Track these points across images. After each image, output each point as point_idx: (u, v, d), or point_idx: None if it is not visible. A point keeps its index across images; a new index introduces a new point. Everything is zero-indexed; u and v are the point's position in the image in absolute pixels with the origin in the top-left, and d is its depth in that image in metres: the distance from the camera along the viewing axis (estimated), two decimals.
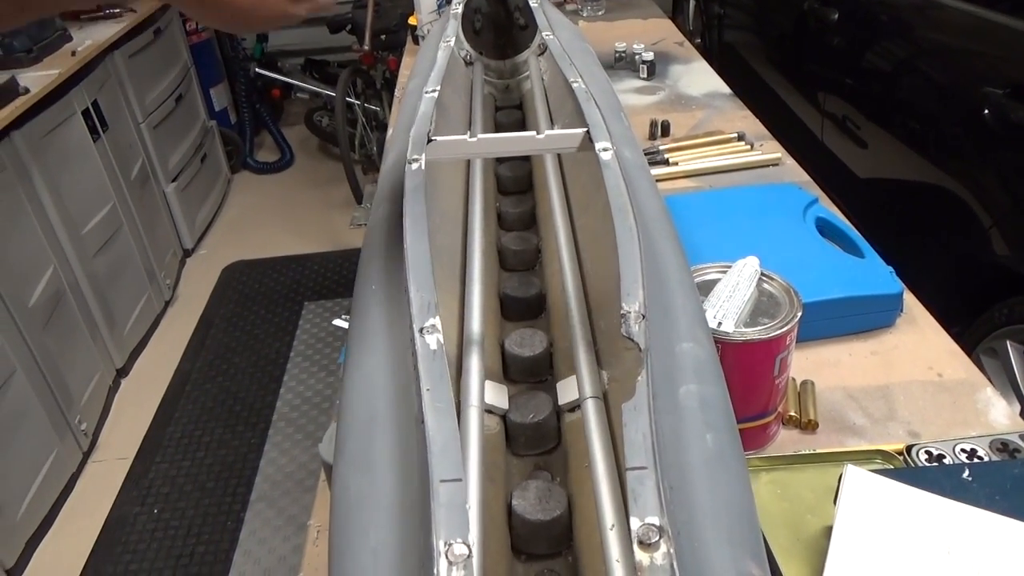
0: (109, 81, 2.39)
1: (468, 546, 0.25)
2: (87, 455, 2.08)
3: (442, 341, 0.34)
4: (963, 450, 0.64)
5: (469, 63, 0.98)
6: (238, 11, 0.44)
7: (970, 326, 1.59)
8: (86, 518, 1.93)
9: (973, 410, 0.71)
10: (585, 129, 0.53)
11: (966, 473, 0.58)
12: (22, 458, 1.78)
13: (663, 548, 0.24)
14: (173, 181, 2.78)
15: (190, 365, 2.41)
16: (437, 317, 0.35)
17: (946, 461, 0.63)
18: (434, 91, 0.62)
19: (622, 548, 0.27)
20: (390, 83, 3.21)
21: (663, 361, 0.35)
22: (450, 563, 0.24)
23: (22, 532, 1.78)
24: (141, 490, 2.00)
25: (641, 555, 0.24)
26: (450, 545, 0.25)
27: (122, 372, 2.35)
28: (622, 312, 0.34)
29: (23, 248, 1.87)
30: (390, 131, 1.02)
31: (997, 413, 0.71)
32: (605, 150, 0.50)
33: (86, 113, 2.20)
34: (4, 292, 1.75)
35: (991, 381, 1.51)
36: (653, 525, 0.25)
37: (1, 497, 1.69)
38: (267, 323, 2.58)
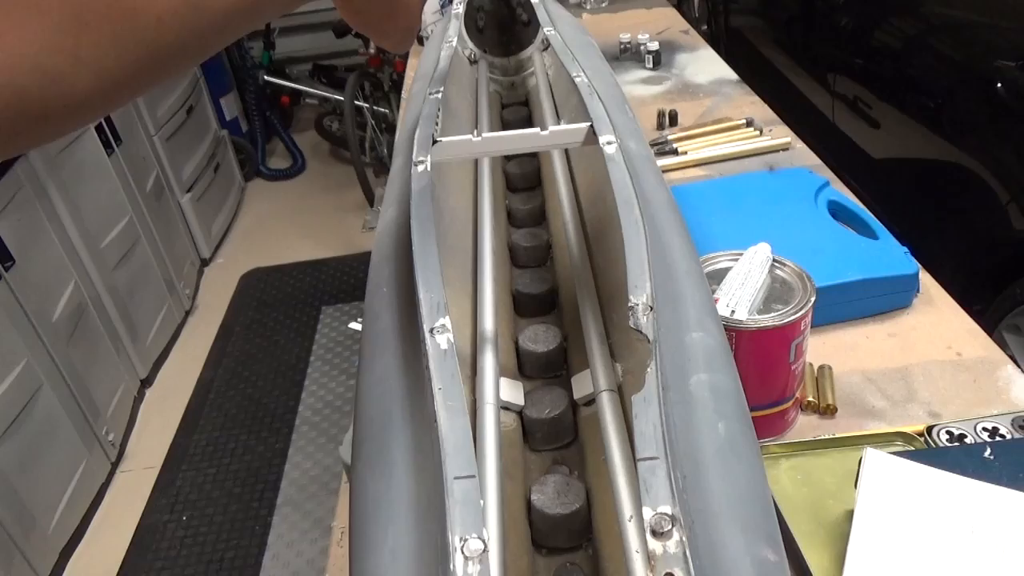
0: None
1: (483, 541, 0.25)
2: (115, 465, 2.11)
3: (452, 341, 0.34)
4: (985, 429, 0.63)
5: (473, 62, 0.98)
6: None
7: (992, 303, 1.58)
8: (117, 527, 1.96)
9: (994, 388, 0.71)
10: (589, 123, 0.53)
11: (988, 452, 0.57)
12: (52, 470, 1.82)
13: (676, 536, 0.24)
14: (188, 192, 2.81)
15: (212, 373, 2.44)
16: (447, 317, 0.35)
17: (967, 440, 0.62)
18: (437, 92, 0.62)
19: (641, 539, 0.27)
20: (398, 85, 3.22)
21: (673, 352, 0.35)
22: (466, 558, 0.25)
23: (55, 543, 1.81)
24: (169, 498, 2.03)
25: (654, 544, 0.24)
26: (465, 540, 0.25)
27: (146, 382, 2.38)
28: (630, 304, 0.35)
29: (44, 264, 1.90)
30: (398, 134, 1.03)
31: (1019, 390, 0.70)
32: (609, 143, 0.50)
33: (99, 128, 2.22)
34: (28, 308, 1.77)
35: (1015, 358, 1.50)
36: (665, 514, 0.25)
37: (33, 509, 1.72)
38: (286, 329, 2.60)
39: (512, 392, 0.51)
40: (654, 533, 0.25)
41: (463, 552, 0.25)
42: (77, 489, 1.89)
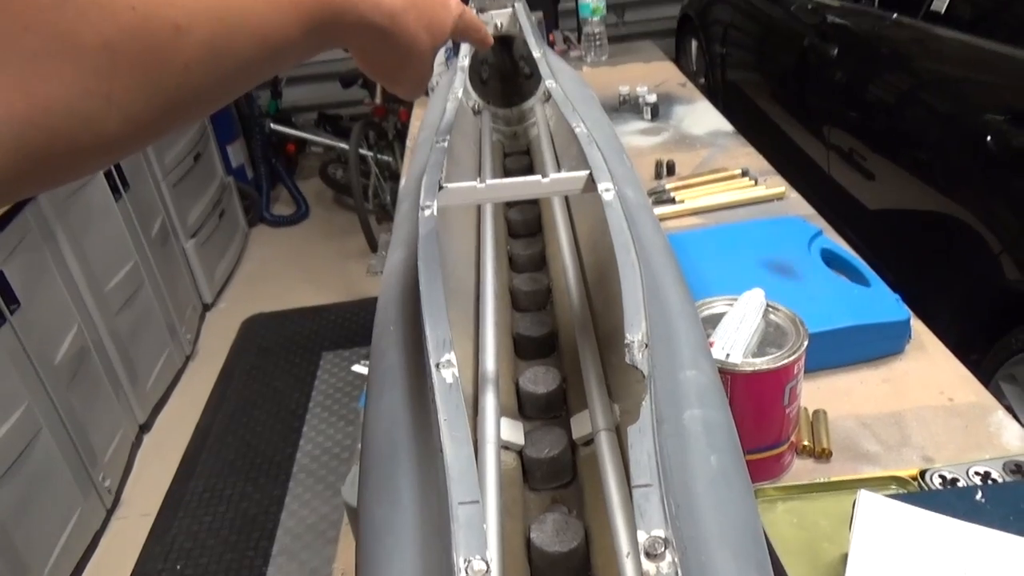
0: None
1: (487, 562, 0.26)
2: (111, 512, 2.09)
3: (457, 375, 0.36)
4: (977, 473, 0.64)
5: (477, 112, 1.01)
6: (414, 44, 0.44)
7: (988, 353, 1.59)
8: None
9: (986, 433, 0.72)
10: (588, 172, 0.56)
11: (979, 495, 0.58)
12: (47, 516, 1.80)
13: (668, 558, 0.26)
14: (192, 237, 2.85)
15: (211, 419, 2.44)
16: (452, 353, 0.37)
17: (960, 484, 0.63)
18: (444, 141, 0.65)
19: (635, 563, 0.28)
20: (402, 134, 3.28)
21: (667, 387, 0.36)
22: None
23: None
24: (164, 546, 2.01)
25: (648, 565, 0.26)
26: (469, 562, 0.26)
27: (144, 428, 2.37)
28: (626, 342, 0.36)
29: (49, 307, 1.91)
30: (403, 180, 1.05)
31: (1010, 435, 0.71)
32: (607, 191, 0.52)
33: (108, 173, 2.27)
34: (32, 351, 1.78)
35: (1012, 408, 1.50)
36: (659, 537, 0.26)
37: (27, 556, 1.70)
38: (286, 374, 2.61)
39: (512, 432, 0.52)
40: (648, 555, 0.26)
41: (467, 573, 0.26)
42: (72, 536, 1.87)
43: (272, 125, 3.63)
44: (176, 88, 0.30)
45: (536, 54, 1.00)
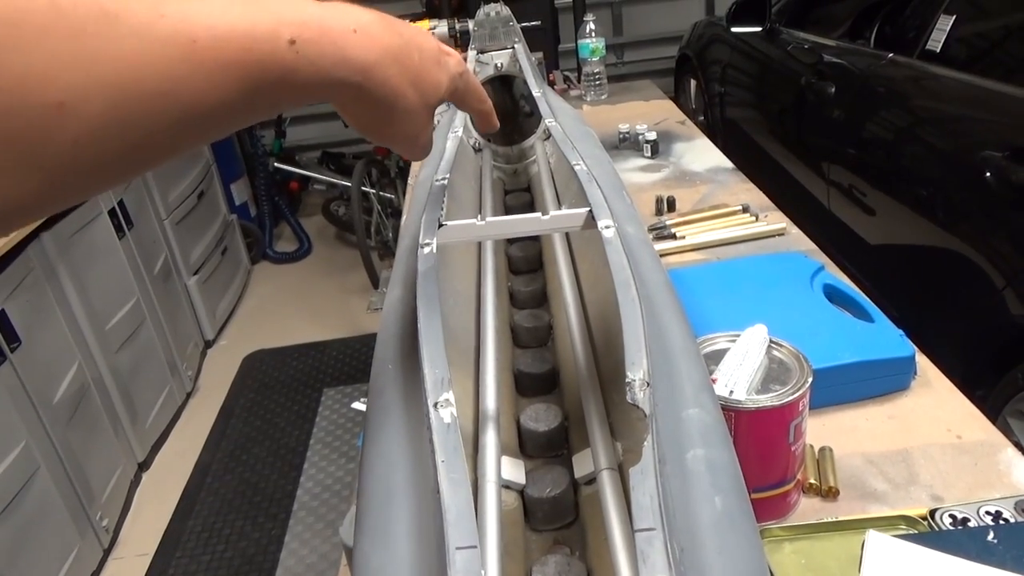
0: (134, 181, 2.48)
1: None
2: (107, 552, 2.06)
3: (455, 415, 0.35)
4: (988, 512, 0.63)
5: (478, 150, 1.02)
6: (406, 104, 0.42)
7: (994, 389, 1.57)
8: None
9: (995, 471, 0.71)
10: (588, 209, 0.56)
11: (991, 535, 0.57)
12: (43, 557, 1.77)
13: None
14: (195, 274, 2.85)
15: (211, 456, 2.41)
16: (450, 392, 0.36)
17: (971, 524, 0.62)
18: (444, 179, 0.65)
19: None
20: (404, 172, 3.31)
21: (669, 427, 0.36)
22: None
23: None
24: None
25: None
26: None
27: (143, 466, 2.35)
28: (627, 380, 0.36)
29: (50, 345, 1.91)
30: (404, 218, 1.06)
31: (1020, 474, 0.70)
32: (607, 227, 0.52)
33: (112, 212, 2.28)
34: (32, 390, 1.77)
35: (1021, 444, 1.48)
36: None
37: None
38: (287, 411, 2.59)
39: (513, 471, 0.51)
40: None
41: None
42: None
43: (276, 164, 3.66)
44: (63, 165, 0.28)
45: (536, 93, 1.00)
